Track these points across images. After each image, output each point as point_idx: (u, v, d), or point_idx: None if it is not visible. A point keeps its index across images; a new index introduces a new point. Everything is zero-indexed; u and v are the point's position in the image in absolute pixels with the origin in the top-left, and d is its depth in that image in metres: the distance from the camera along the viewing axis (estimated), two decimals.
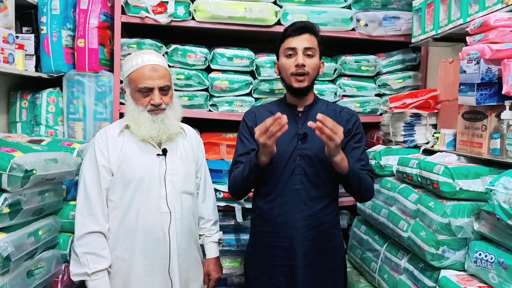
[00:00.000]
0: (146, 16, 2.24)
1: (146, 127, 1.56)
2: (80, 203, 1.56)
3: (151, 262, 1.57)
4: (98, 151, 1.57)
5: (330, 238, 1.68)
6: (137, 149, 1.60)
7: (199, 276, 1.74)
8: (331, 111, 1.71)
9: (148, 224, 1.56)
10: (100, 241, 1.54)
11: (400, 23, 2.42)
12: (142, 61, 1.57)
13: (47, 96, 2.36)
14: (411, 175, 1.78)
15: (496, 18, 1.49)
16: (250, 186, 1.67)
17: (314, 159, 1.63)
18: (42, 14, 2.34)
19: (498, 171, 1.49)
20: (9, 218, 1.53)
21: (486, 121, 1.60)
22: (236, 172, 1.66)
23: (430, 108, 2.07)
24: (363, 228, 2.21)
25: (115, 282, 1.56)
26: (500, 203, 1.23)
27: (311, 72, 1.64)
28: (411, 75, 2.50)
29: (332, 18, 2.35)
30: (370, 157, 2.12)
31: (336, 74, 2.48)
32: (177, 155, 1.66)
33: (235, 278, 2.36)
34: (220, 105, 2.38)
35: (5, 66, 2.04)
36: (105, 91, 2.32)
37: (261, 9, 2.28)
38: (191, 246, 1.68)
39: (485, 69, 1.49)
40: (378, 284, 1.94)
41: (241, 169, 1.63)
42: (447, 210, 1.50)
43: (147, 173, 1.58)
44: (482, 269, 1.37)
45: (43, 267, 1.74)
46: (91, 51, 2.34)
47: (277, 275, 1.65)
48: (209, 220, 1.82)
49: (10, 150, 1.56)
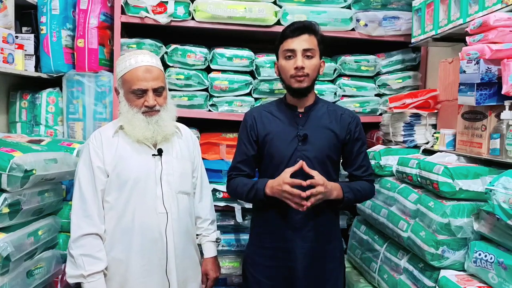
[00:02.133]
0: (146, 16, 2.24)
1: (140, 129, 1.55)
2: (76, 205, 1.55)
3: (148, 262, 1.56)
4: (93, 152, 1.57)
5: (329, 239, 1.68)
6: (132, 150, 1.59)
7: (197, 276, 1.73)
8: (331, 112, 1.70)
9: (145, 225, 1.55)
10: (96, 243, 1.53)
11: (400, 23, 2.42)
12: (136, 62, 1.55)
13: (47, 96, 2.36)
14: (411, 175, 1.78)
15: (495, 18, 1.49)
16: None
17: (314, 161, 1.63)
18: (41, 14, 2.35)
19: (497, 171, 1.49)
20: (8, 218, 1.53)
21: (486, 121, 1.60)
22: (238, 185, 1.68)
23: (429, 108, 2.08)
24: (363, 228, 2.21)
25: (112, 284, 1.56)
26: (499, 203, 1.23)
27: (311, 73, 1.62)
28: (411, 75, 2.50)
29: (332, 18, 2.35)
30: (370, 157, 2.11)
31: (336, 74, 2.48)
32: (173, 155, 1.65)
33: (234, 278, 2.36)
34: (220, 105, 2.38)
35: (4, 66, 2.04)
36: (105, 91, 2.32)
37: (261, 9, 2.27)
38: (188, 246, 1.67)
39: (484, 69, 1.49)
40: (378, 284, 1.94)
41: (243, 187, 1.65)
42: (447, 210, 1.50)
43: (143, 174, 1.57)
44: (482, 269, 1.37)
45: (43, 267, 1.74)
46: (90, 51, 2.34)
47: (277, 276, 1.65)
48: (206, 219, 1.81)
49: (10, 150, 1.56)
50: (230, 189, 1.75)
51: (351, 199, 1.62)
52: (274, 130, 1.67)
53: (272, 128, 1.68)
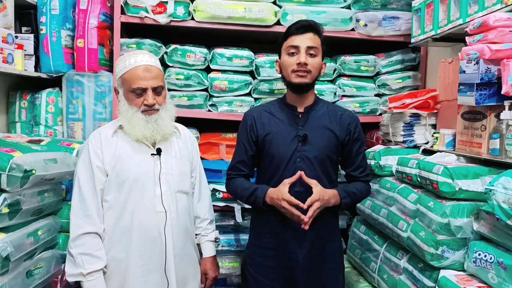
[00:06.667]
0: (146, 16, 2.24)
1: (140, 128, 1.56)
2: (75, 204, 1.56)
3: (147, 262, 1.56)
4: (92, 152, 1.57)
5: (330, 239, 1.69)
6: (131, 149, 1.59)
7: (196, 275, 1.74)
8: (331, 112, 1.71)
9: (144, 224, 1.56)
10: (95, 241, 1.54)
11: (400, 23, 2.42)
12: (135, 62, 1.57)
13: (47, 96, 2.36)
14: (411, 175, 1.78)
15: (495, 18, 1.49)
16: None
17: (314, 161, 1.63)
18: (41, 14, 2.34)
19: (497, 171, 1.49)
20: (8, 218, 1.53)
21: (486, 121, 1.60)
22: (238, 188, 1.70)
23: (429, 108, 2.08)
24: (363, 228, 2.21)
25: (112, 283, 1.56)
26: (499, 203, 1.23)
27: (313, 71, 1.63)
28: (411, 75, 2.50)
29: (331, 18, 2.35)
30: (370, 157, 2.12)
31: (336, 74, 2.48)
32: (172, 154, 1.66)
33: (234, 278, 2.36)
34: (220, 105, 2.38)
35: (4, 66, 2.04)
36: (105, 91, 2.32)
37: (261, 9, 2.27)
38: (187, 245, 1.67)
39: (484, 69, 1.49)
40: (378, 284, 1.94)
41: (244, 191, 1.67)
42: (447, 210, 1.50)
43: (142, 173, 1.58)
44: (482, 269, 1.37)
45: (43, 267, 1.74)
46: (90, 51, 2.34)
47: (277, 276, 1.65)
48: (205, 219, 1.82)
49: (10, 150, 1.56)
50: (230, 189, 1.77)
51: (348, 203, 1.65)
52: (274, 130, 1.67)
53: (272, 128, 1.68)
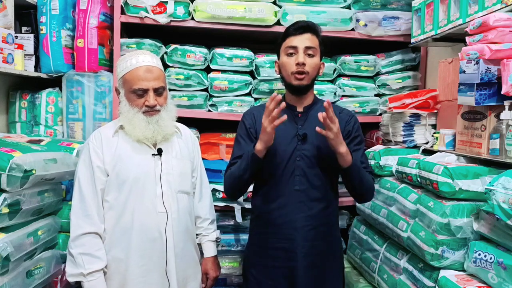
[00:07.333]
0: (146, 16, 2.24)
1: (140, 128, 1.56)
2: (75, 204, 1.56)
3: (148, 262, 1.56)
4: (93, 152, 1.57)
5: (330, 239, 1.68)
6: (132, 149, 1.59)
7: (196, 275, 1.74)
8: None
9: (144, 224, 1.56)
10: (95, 241, 1.54)
11: (400, 23, 2.42)
12: (137, 62, 1.56)
13: (47, 96, 2.36)
14: (411, 175, 1.78)
15: (495, 18, 1.49)
16: (246, 183, 1.65)
17: (314, 160, 1.63)
18: (41, 14, 2.34)
19: (497, 171, 1.49)
20: (8, 218, 1.53)
21: (486, 121, 1.60)
22: (232, 168, 1.66)
23: (429, 108, 2.08)
24: (363, 228, 2.21)
25: (112, 283, 1.56)
26: (499, 203, 1.23)
27: (311, 71, 1.64)
28: (411, 75, 2.50)
29: (331, 18, 2.35)
30: (370, 157, 2.12)
31: (336, 74, 2.48)
32: (173, 154, 1.66)
33: (234, 278, 2.36)
34: (220, 105, 2.38)
35: (4, 66, 2.04)
36: (105, 91, 2.32)
37: (261, 9, 2.27)
38: (188, 246, 1.67)
39: (484, 69, 1.49)
40: (378, 284, 1.94)
41: (238, 164, 1.62)
42: (447, 210, 1.50)
43: (142, 173, 1.57)
44: (482, 269, 1.37)
45: (43, 267, 1.74)
46: (90, 51, 2.34)
47: (277, 276, 1.65)
48: (206, 219, 1.82)
49: (10, 150, 1.56)
50: (227, 178, 1.68)
51: (358, 165, 1.58)
52: None
53: None
